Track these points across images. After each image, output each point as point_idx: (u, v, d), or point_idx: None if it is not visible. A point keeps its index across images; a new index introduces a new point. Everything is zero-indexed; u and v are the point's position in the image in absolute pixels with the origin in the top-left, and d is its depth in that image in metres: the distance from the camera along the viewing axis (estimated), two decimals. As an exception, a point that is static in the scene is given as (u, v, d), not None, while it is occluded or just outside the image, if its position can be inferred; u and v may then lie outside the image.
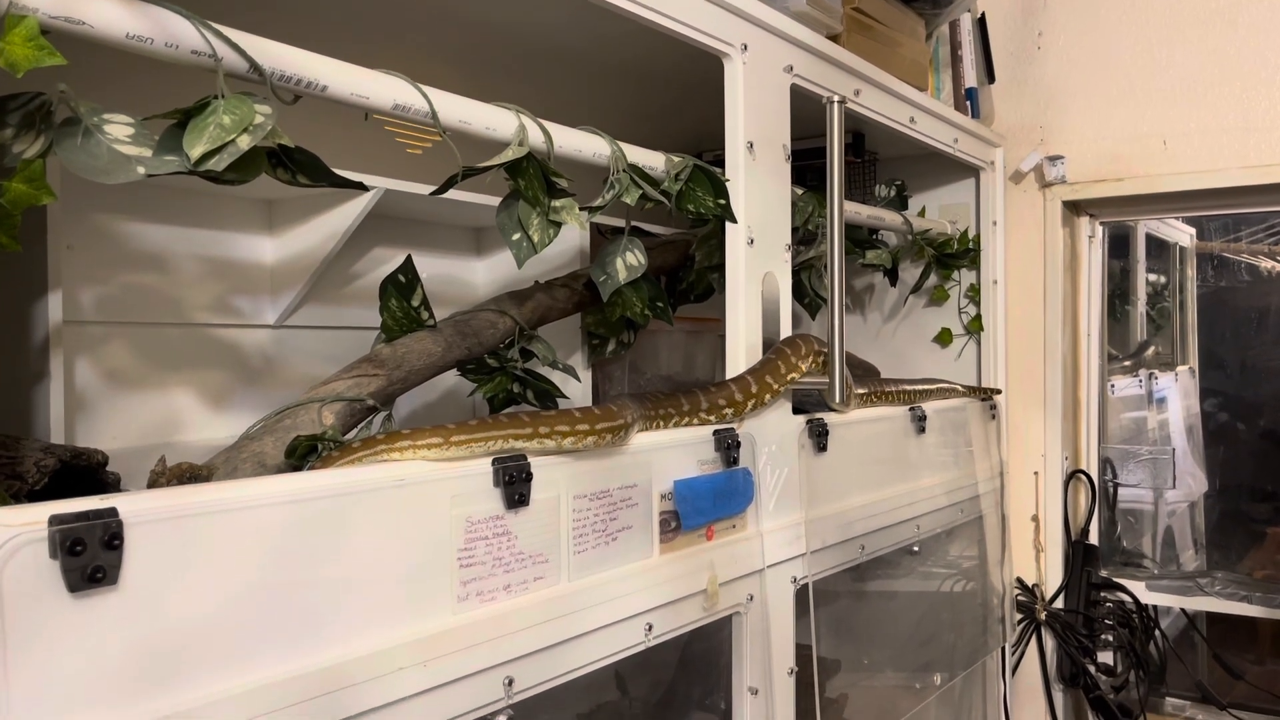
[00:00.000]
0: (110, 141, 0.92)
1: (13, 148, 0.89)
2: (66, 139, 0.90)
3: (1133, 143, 2.34)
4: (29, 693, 0.72)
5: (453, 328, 1.40)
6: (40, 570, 0.73)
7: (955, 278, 2.44)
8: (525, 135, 1.25)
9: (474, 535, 1.07)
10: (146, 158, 0.92)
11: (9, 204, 0.85)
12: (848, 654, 2.32)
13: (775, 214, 1.60)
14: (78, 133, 0.91)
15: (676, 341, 2.12)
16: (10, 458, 0.99)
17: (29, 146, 0.89)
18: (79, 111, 0.91)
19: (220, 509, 0.85)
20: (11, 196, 0.85)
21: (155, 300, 1.52)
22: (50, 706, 0.74)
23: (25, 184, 0.86)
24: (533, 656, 1.13)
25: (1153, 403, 3.46)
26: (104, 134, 0.92)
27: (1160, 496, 3.18)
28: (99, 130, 0.92)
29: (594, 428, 1.18)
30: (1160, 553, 2.89)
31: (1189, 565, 3.21)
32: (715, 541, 1.43)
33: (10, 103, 0.90)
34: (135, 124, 0.93)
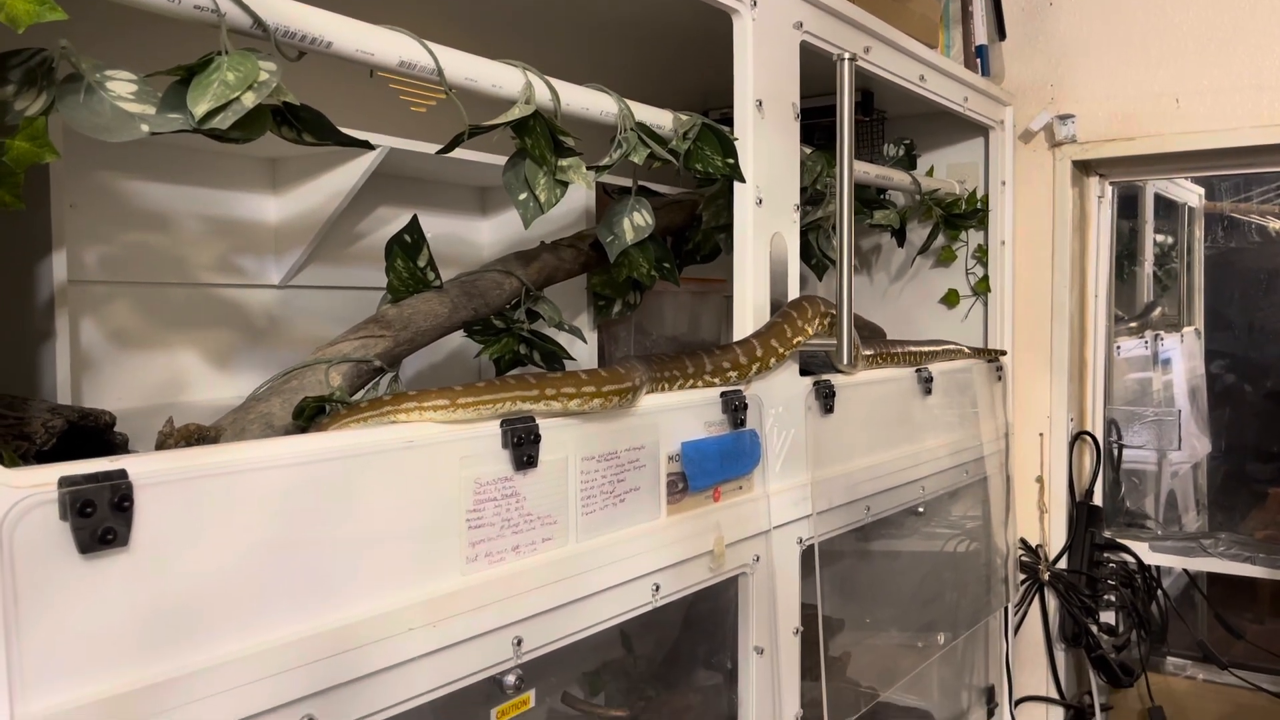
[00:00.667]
0: (113, 99, 0.90)
1: (14, 105, 0.88)
2: (69, 96, 0.89)
3: (1144, 101, 2.31)
4: (41, 653, 0.73)
5: (459, 288, 1.39)
6: (50, 531, 0.73)
7: (963, 238, 2.42)
8: (532, 93, 1.23)
9: (483, 496, 1.07)
10: (150, 115, 0.91)
11: (12, 162, 0.84)
12: (851, 613, 2.33)
13: (784, 174, 1.58)
14: (80, 90, 0.90)
15: (682, 302, 2.11)
16: (18, 419, 0.99)
17: (31, 104, 0.88)
18: (81, 68, 0.89)
19: (229, 470, 0.84)
20: (14, 154, 0.84)
21: (159, 260, 1.51)
22: (62, 666, 0.74)
23: (28, 142, 0.85)
24: (541, 617, 1.13)
25: (1158, 364, 3.45)
26: (107, 91, 0.90)
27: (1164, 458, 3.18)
28: (101, 87, 0.90)
29: (600, 390, 1.17)
30: (1163, 514, 2.89)
31: (1191, 526, 3.22)
32: (722, 503, 1.43)
33: (11, 59, 0.89)
34: (138, 81, 0.92)
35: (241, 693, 0.84)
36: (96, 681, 0.75)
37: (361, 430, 0.99)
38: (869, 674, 2.20)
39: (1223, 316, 3.72)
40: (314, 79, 1.20)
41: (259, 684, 0.85)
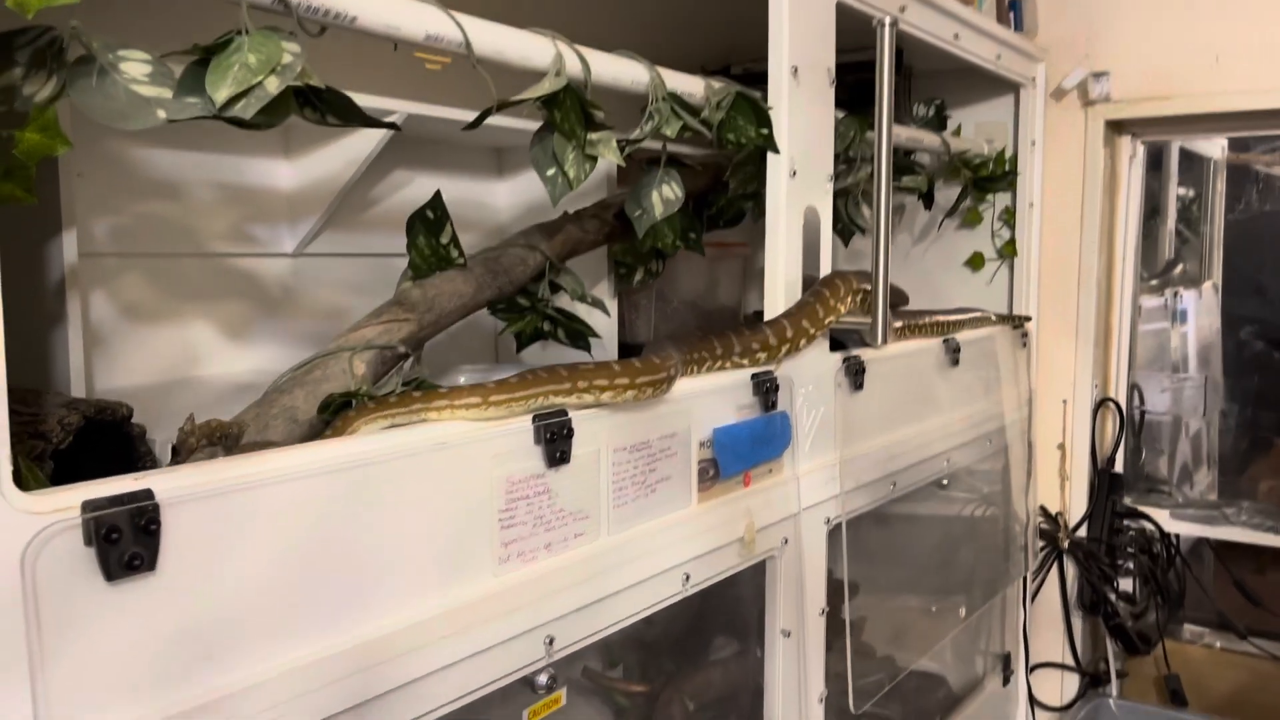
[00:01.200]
0: (127, 82, 0.85)
1: (23, 89, 0.82)
2: (80, 80, 0.83)
3: (1182, 59, 2.23)
4: (68, 684, 0.69)
5: (483, 266, 1.34)
6: (75, 559, 0.69)
7: (989, 200, 2.36)
8: (563, 64, 1.17)
9: (515, 495, 1.03)
10: (166, 99, 0.85)
11: (22, 155, 0.78)
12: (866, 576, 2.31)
13: (819, 143, 1.52)
14: (92, 72, 0.84)
15: (700, 266, 2.05)
16: (33, 415, 0.95)
17: (40, 89, 0.82)
18: (93, 49, 0.84)
19: (259, 482, 0.80)
20: (25, 148, 0.78)
21: (170, 229, 1.46)
22: (90, 696, 0.71)
23: (39, 133, 0.79)
24: (573, 615, 1.10)
25: (1176, 321, 3.40)
26: (120, 74, 0.85)
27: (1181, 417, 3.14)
28: (115, 69, 0.85)
29: (634, 381, 1.13)
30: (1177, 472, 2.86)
31: (1203, 483, 3.20)
32: (752, 487, 1.39)
33: (18, 39, 0.83)
34: (153, 62, 0.86)
35: (274, 714, 0.81)
36: (126, 709, 0.72)
37: (391, 432, 0.95)
38: (886, 639, 2.19)
39: (1242, 271, 3.66)
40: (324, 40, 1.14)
41: (292, 703, 0.82)
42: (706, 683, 1.73)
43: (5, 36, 0.82)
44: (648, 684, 1.75)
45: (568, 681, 1.78)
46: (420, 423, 0.98)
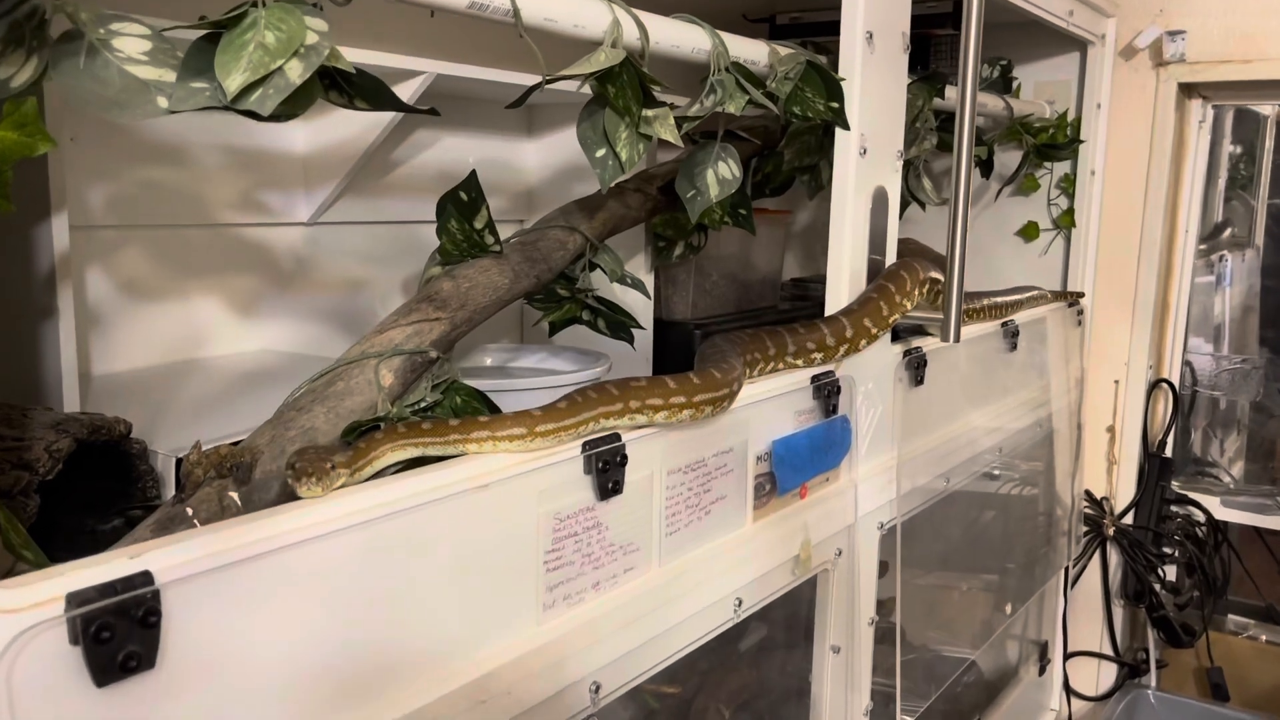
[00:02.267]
0: (122, 62, 0.71)
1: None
2: (65, 60, 0.70)
3: (1267, 19, 2.05)
4: (52, 806, 0.58)
5: (519, 253, 1.21)
6: (60, 661, 0.58)
7: (1047, 167, 2.20)
8: (619, 33, 1.03)
9: (562, 533, 0.91)
10: (168, 84, 0.72)
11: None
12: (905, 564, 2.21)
13: (890, 118, 1.38)
14: (80, 50, 0.71)
15: (739, 236, 1.91)
16: (16, 441, 0.83)
17: (17, 71, 0.69)
18: (80, 21, 0.70)
19: (277, 546, 0.69)
20: (0, 148, 0.65)
21: (173, 199, 1.33)
22: (79, 816, 0.60)
23: (15, 131, 0.66)
24: (621, 659, 0.99)
25: (1220, 286, 3.26)
26: (114, 52, 0.71)
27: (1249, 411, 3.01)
28: (107, 47, 0.71)
29: (691, 400, 1.00)
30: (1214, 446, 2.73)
31: (1231, 449, 3.08)
32: (809, 499, 1.28)
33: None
34: (153, 38, 0.73)
35: (293, 812, 0.70)
36: (121, 833, 0.61)
37: (423, 472, 0.83)
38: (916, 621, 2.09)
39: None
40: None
41: (313, 798, 0.71)
42: (742, 686, 1.63)
43: (-25, 6, 0.69)
44: (679, 686, 1.66)
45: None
46: (456, 455, 0.86)
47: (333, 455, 0.76)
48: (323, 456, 0.75)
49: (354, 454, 0.80)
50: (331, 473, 0.75)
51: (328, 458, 0.75)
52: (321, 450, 0.76)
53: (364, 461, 0.80)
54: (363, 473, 0.80)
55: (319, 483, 0.73)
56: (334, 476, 0.75)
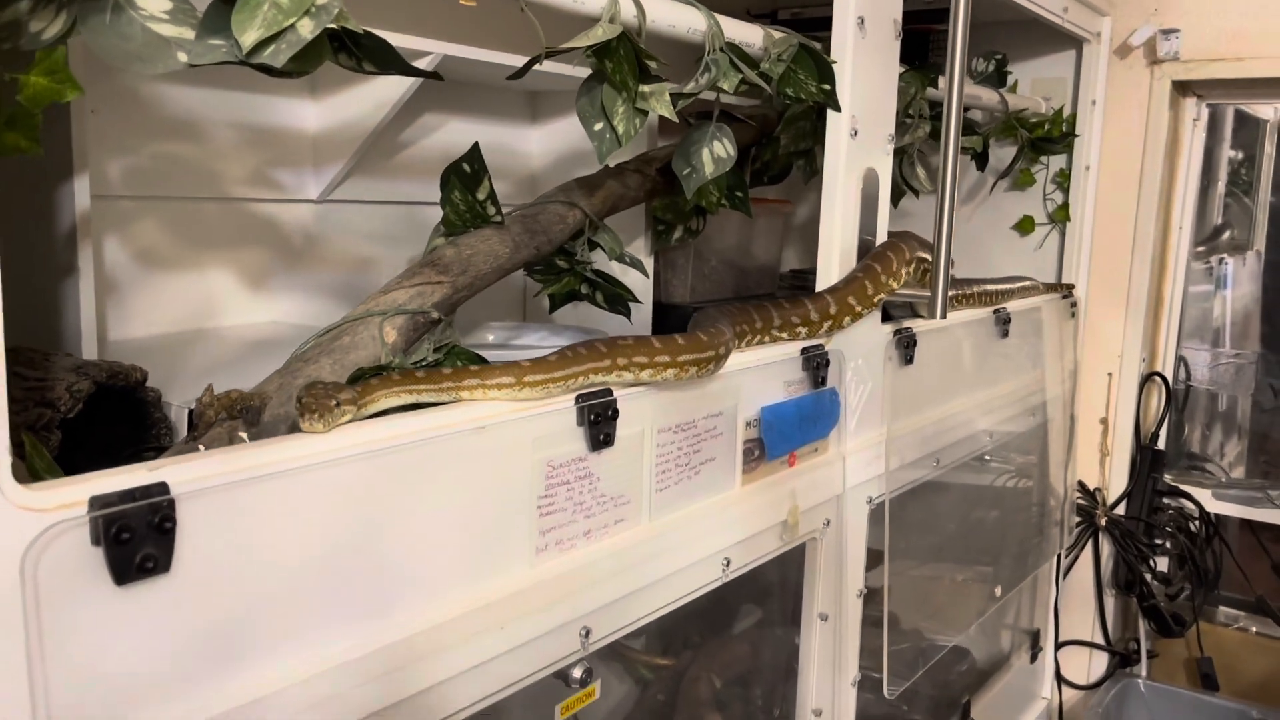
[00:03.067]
0: (145, 19, 0.76)
1: (29, 26, 0.74)
2: (93, 16, 0.75)
3: (1259, 19, 2.10)
4: (72, 694, 0.63)
5: (520, 225, 1.25)
6: (82, 560, 0.62)
7: (1042, 162, 2.25)
8: (617, 9, 1.07)
9: (555, 480, 0.96)
10: (188, 40, 0.77)
11: (27, 101, 0.70)
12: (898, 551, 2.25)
13: (881, 101, 1.42)
14: (106, 8, 0.75)
15: (739, 224, 1.96)
16: (39, 381, 0.87)
17: (48, 25, 0.74)
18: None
19: (284, 470, 0.73)
20: (30, 93, 0.70)
21: (189, 172, 1.38)
22: (97, 708, 0.64)
23: (46, 77, 0.71)
24: (611, 605, 1.04)
25: (1220, 287, 3.29)
26: (137, 9, 0.76)
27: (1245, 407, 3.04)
28: (131, 5, 0.76)
29: (675, 359, 1.05)
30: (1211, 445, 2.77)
31: (1232, 452, 3.11)
32: (797, 468, 1.32)
33: (23, -32, 0.74)
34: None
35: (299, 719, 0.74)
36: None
37: (422, 412, 0.87)
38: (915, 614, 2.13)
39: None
40: None
41: (317, 708, 0.75)
42: (734, 658, 1.67)
43: (9, -36, 0.74)
44: (673, 658, 1.70)
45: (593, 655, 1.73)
46: (449, 402, 0.90)
47: (339, 393, 0.80)
48: (329, 394, 0.79)
49: (358, 393, 0.84)
50: (335, 409, 0.79)
51: (334, 395, 0.79)
52: (329, 387, 0.80)
53: (368, 399, 0.84)
54: (365, 411, 0.84)
55: (321, 419, 0.78)
56: (338, 414, 0.79)
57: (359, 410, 0.83)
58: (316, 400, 0.78)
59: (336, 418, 0.79)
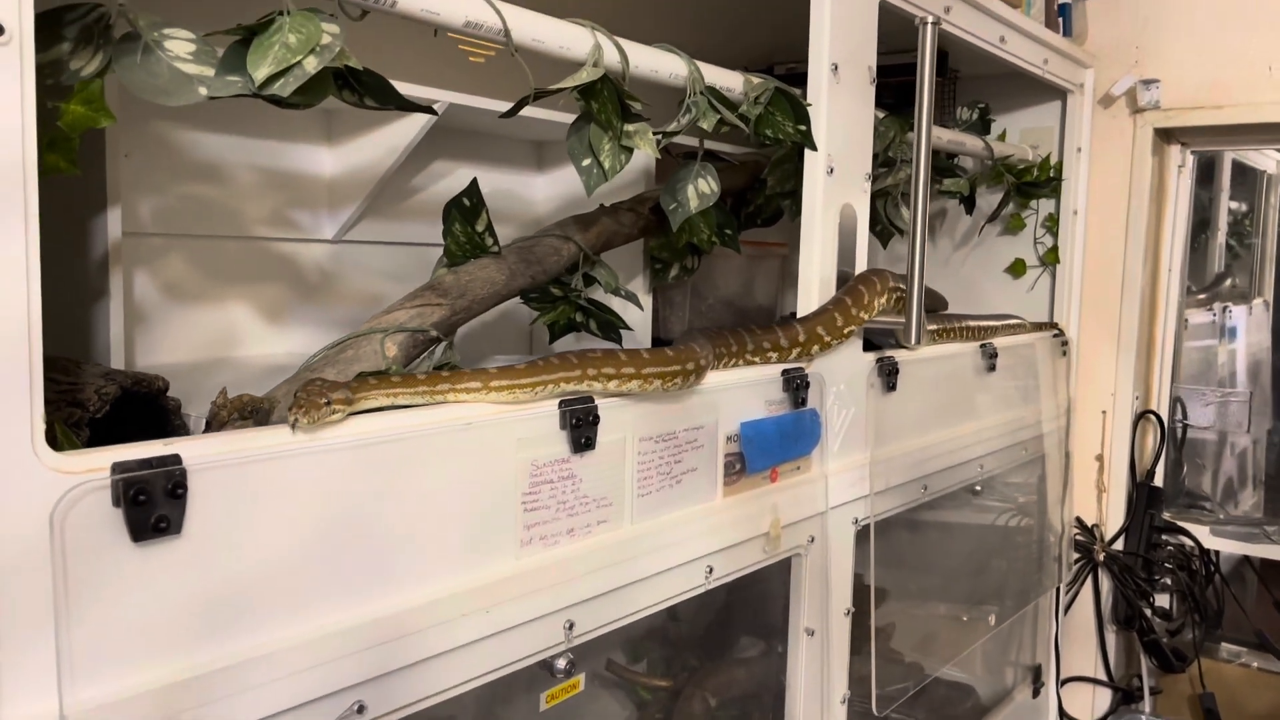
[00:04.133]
0: (171, 59, 0.87)
1: (70, 64, 0.84)
2: (125, 56, 0.86)
3: (1235, 68, 2.19)
4: (92, 642, 0.71)
5: (516, 255, 1.35)
6: (103, 519, 0.71)
7: (1032, 207, 2.33)
8: (601, 55, 1.18)
9: (539, 479, 1.04)
10: (209, 78, 0.87)
11: (67, 127, 0.81)
12: (897, 582, 2.30)
13: (857, 141, 1.52)
14: (137, 50, 0.86)
15: (738, 265, 2.05)
16: (71, 384, 0.97)
17: (87, 64, 0.84)
18: (139, 26, 0.86)
19: (285, 453, 0.82)
20: (69, 119, 0.81)
21: (213, 212, 1.49)
22: (113, 655, 0.72)
23: (83, 105, 0.82)
24: (594, 600, 1.11)
25: (1224, 336, 3.34)
26: (165, 51, 0.87)
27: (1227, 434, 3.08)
28: (159, 47, 0.87)
29: (640, 371, 1.12)
30: (1221, 490, 2.81)
31: (1247, 504, 3.14)
32: (779, 483, 1.39)
33: (68, 14, 0.85)
34: (197, 41, 0.88)
35: (292, 681, 0.82)
36: (147, 670, 0.74)
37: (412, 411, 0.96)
38: (913, 646, 2.17)
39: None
40: (368, 29, 1.15)
41: (310, 672, 0.83)
42: (730, 680, 1.73)
43: (55, 12, 0.85)
44: (671, 679, 1.76)
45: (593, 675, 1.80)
46: (426, 404, 0.98)
47: (332, 392, 0.87)
48: (323, 392, 0.86)
49: (351, 390, 0.90)
50: (325, 408, 0.85)
51: (327, 393, 0.86)
52: (326, 385, 0.88)
53: (360, 397, 0.92)
54: (356, 408, 0.92)
55: (307, 414, 0.84)
56: (326, 412, 0.85)
57: (350, 407, 0.90)
58: (309, 397, 0.85)
59: (324, 416, 0.85)
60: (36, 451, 0.68)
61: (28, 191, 0.68)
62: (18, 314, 0.68)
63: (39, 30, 0.82)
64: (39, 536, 0.68)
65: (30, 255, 0.68)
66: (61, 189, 1.22)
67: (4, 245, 0.67)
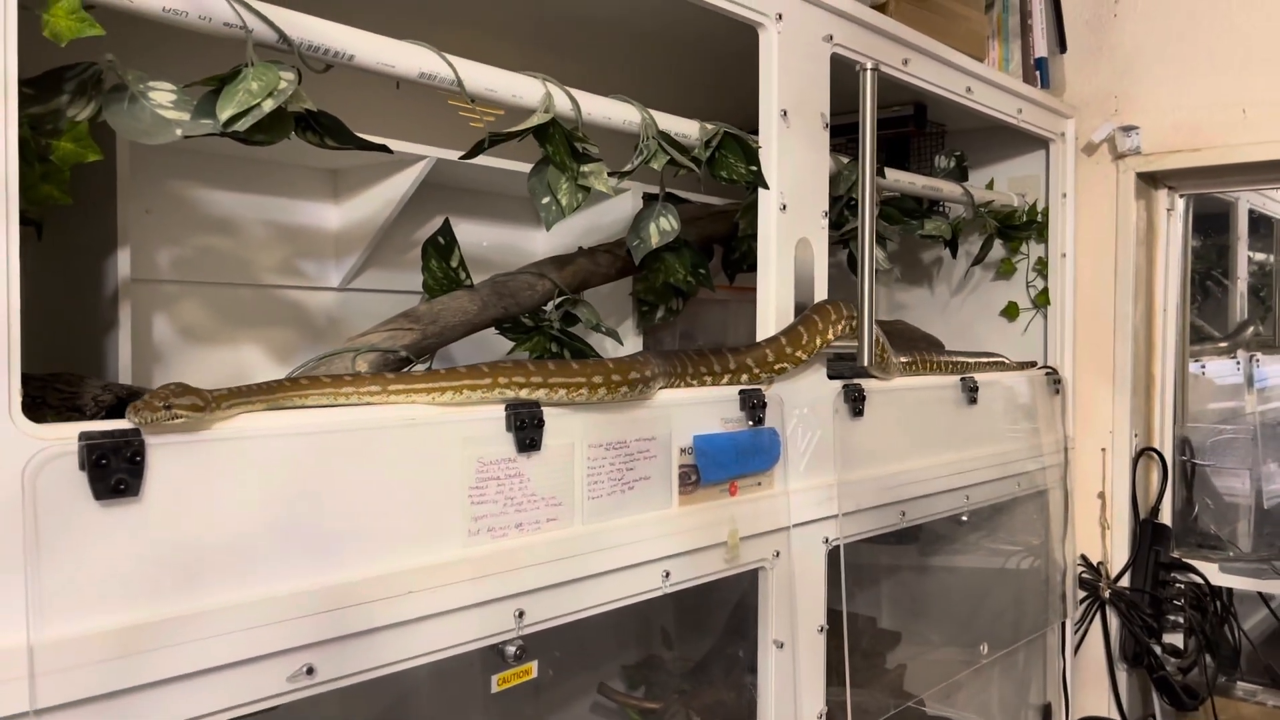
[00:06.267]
0: (154, 106, 1.02)
1: (66, 112, 1.00)
2: (114, 104, 1.01)
3: (1211, 112, 2.27)
4: (59, 587, 0.83)
5: (490, 288, 1.48)
6: (70, 480, 0.83)
7: (1023, 251, 2.41)
8: (551, 102, 1.31)
9: (485, 475, 1.14)
10: (184, 120, 1.02)
11: (58, 160, 0.96)
12: (908, 626, 2.34)
13: (811, 181, 1.63)
14: (125, 98, 1.01)
15: (729, 310, 2.16)
16: (72, 393, 1.11)
17: (80, 110, 1.00)
18: (126, 79, 1.01)
19: (234, 437, 0.94)
20: (60, 154, 0.96)
21: (227, 262, 1.64)
22: (77, 600, 0.84)
23: (72, 143, 0.97)
24: (545, 592, 1.20)
25: (1253, 387, 3.33)
26: (148, 99, 1.02)
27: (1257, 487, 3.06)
28: (144, 96, 1.02)
29: (547, 381, 1.19)
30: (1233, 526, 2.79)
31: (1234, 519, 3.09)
32: (739, 497, 1.48)
33: (67, 72, 1.01)
34: (177, 90, 1.03)
35: (245, 635, 0.93)
36: (107, 614, 0.85)
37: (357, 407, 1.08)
38: (924, 686, 2.21)
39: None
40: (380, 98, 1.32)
41: (260, 630, 0.94)
42: (715, 702, 1.79)
43: (57, 71, 1.01)
44: (660, 702, 1.82)
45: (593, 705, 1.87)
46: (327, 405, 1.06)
47: (179, 398, 0.90)
48: (167, 397, 0.89)
49: (205, 400, 0.93)
50: (162, 411, 0.88)
51: (171, 399, 0.89)
52: (176, 390, 0.91)
53: (230, 402, 0.97)
54: (220, 417, 0.95)
55: (138, 415, 0.87)
56: (163, 416, 0.88)
57: (205, 416, 0.92)
58: (153, 398, 0.89)
59: (161, 419, 0.88)
60: (13, 418, 0.81)
61: (9, 200, 0.82)
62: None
63: (44, 87, 0.99)
64: (12, 492, 0.80)
65: (10, 254, 0.82)
66: (80, 239, 1.38)
67: (-8, 249, 0.81)
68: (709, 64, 2.14)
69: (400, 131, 1.69)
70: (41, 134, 0.97)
